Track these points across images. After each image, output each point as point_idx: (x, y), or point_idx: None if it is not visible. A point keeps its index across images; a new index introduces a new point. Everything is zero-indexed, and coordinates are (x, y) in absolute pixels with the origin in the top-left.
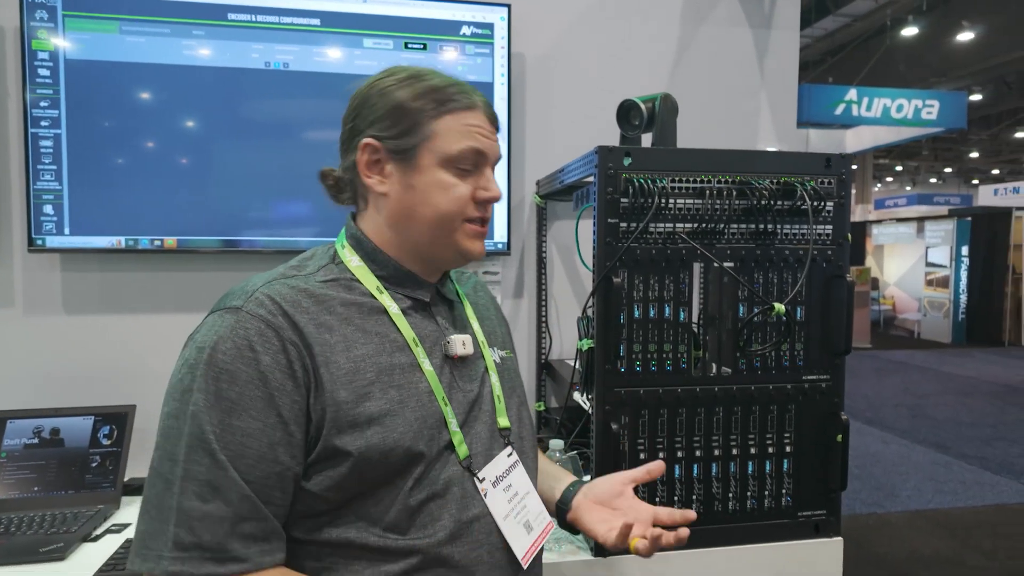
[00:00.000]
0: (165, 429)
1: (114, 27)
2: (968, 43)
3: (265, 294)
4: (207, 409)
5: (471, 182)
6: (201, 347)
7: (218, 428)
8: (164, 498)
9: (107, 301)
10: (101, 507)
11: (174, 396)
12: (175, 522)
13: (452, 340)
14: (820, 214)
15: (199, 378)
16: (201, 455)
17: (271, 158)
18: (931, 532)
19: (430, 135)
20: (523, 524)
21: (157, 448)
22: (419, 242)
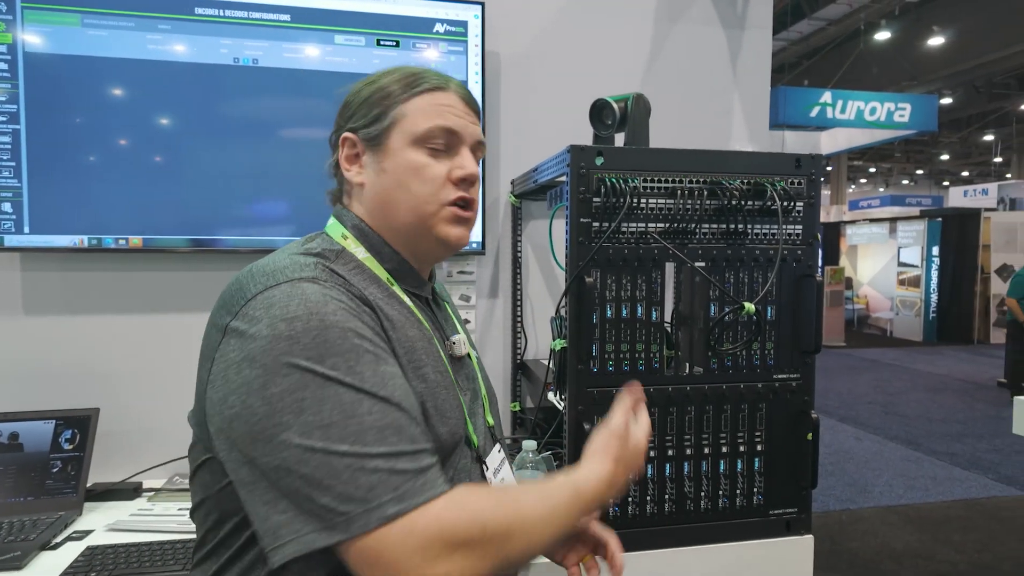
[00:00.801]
0: (293, 404)
1: (75, 20)
2: (939, 48)
3: (327, 268)
4: (355, 363)
5: (446, 163)
6: (297, 316)
7: (375, 378)
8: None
9: (69, 302)
10: (62, 514)
11: (281, 372)
12: (372, 469)
13: (456, 340)
14: (790, 214)
15: (320, 344)
16: (370, 404)
17: (242, 156)
18: (902, 527)
19: (399, 117)
20: None
21: (285, 428)
22: (400, 231)
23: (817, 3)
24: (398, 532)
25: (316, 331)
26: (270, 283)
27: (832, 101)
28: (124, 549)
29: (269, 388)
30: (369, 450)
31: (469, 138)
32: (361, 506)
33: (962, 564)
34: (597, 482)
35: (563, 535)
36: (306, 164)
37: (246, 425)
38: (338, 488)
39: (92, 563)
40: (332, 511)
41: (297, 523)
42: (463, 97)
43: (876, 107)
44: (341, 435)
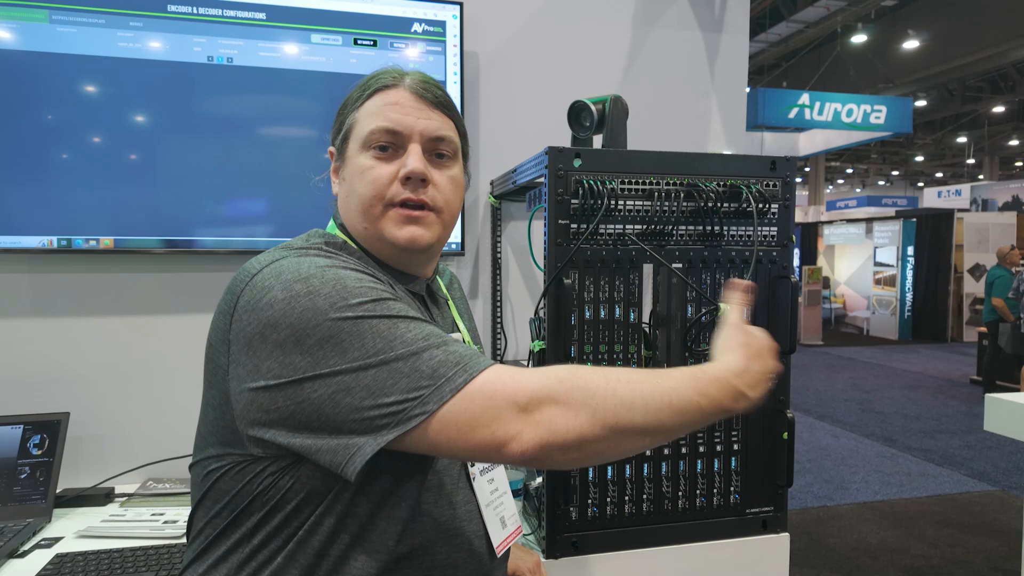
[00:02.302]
0: (334, 347)
1: (43, 16)
2: (913, 51)
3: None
4: (379, 298)
5: (396, 163)
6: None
7: (400, 308)
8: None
9: (38, 304)
10: (30, 521)
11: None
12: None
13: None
14: (765, 216)
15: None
16: (405, 325)
17: (217, 155)
18: (877, 523)
19: (353, 124)
20: (499, 519)
21: (335, 366)
22: (362, 237)
23: (795, 6)
24: (475, 391)
25: (333, 281)
26: (276, 258)
27: (810, 103)
28: (95, 556)
29: (305, 342)
30: (420, 348)
31: (417, 134)
32: (431, 384)
33: (935, 558)
34: (720, 369)
35: (681, 418)
36: (283, 164)
37: (292, 382)
38: (402, 383)
39: (61, 570)
40: (402, 403)
41: (363, 433)
42: (414, 91)
43: (853, 109)
44: (390, 350)
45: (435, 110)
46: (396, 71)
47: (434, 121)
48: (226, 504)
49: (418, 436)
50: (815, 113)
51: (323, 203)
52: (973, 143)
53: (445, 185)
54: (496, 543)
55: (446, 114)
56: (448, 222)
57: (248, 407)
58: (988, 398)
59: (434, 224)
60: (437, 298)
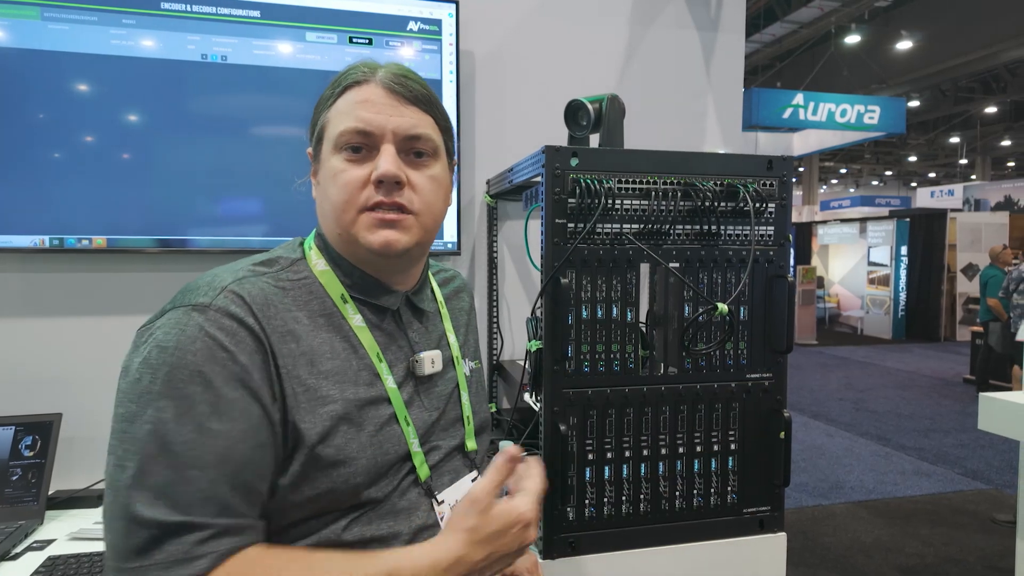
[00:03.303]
0: (119, 433)
1: (35, 13)
2: (906, 52)
3: (234, 292)
4: (178, 417)
5: (369, 165)
6: (164, 346)
7: (192, 435)
8: (114, 508)
9: (30, 304)
10: (22, 523)
11: (130, 397)
12: (125, 531)
13: (421, 359)
14: (762, 215)
15: (163, 382)
16: (161, 466)
17: (211, 154)
18: (872, 521)
19: (326, 124)
20: None
21: (110, 453)
22: (338, 242)
23: (789, 6)
24: None
25: (168, 367)
26: (178, 303)
27: (804, 103)
28: (87, 558)
29: (118, 407)
30: (148, 513)
31: (390, 133)
32: (125, 563)
33: (929, 557)
34: (425, 564)
35: None
36: (277, 163)
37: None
38: (113, 538)
39: (53, 573)
40: (108, 551)
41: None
42: (386, 86)
43: (847, 109)
44: (131, 487)
45: (410, 106)
46: (368, 65)
47: (408, 118)
48: None
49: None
50: (809, 113)
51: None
52: (966, 143)
53: (424, 186)
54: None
55: (423, 109)
56: (429, 225)
57: None
58: (982, 397)
59: (412, 228)
60: (422, 310)
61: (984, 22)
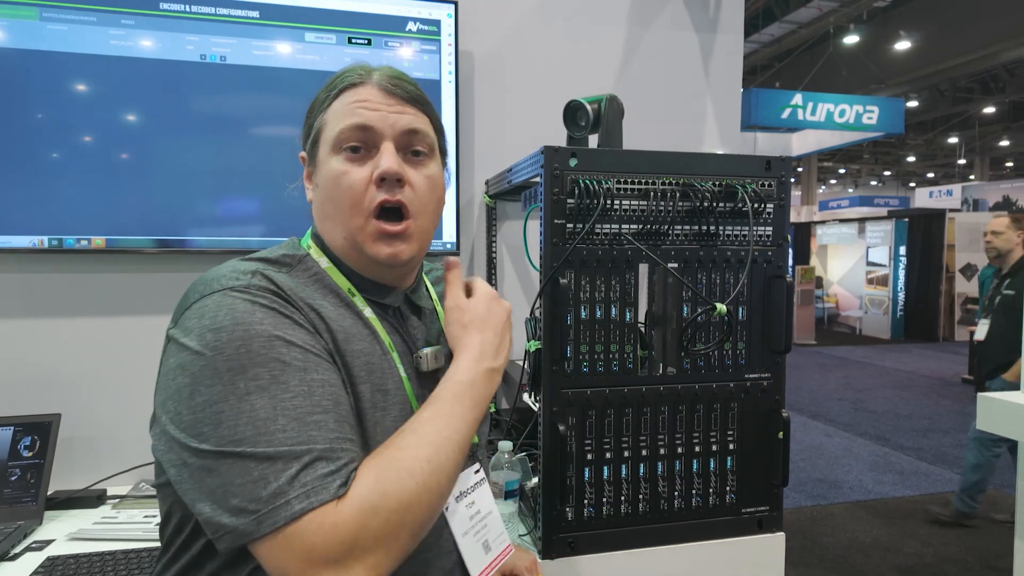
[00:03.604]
0: (214, 416)
1: (34, 13)
2: (905, 52)
3: (263, 274)
4: (276, 378)
5: (369, 165)
6: (220, 327)
7: (298, 387)
8: (235, 467)
9: (29, 304)
10: (21, 523)
11: (207, 383)
12: (255, 481)
13: (424, 355)
14: (761, 216)
15: (242, 355)
16: (284, 421)
17: (209, 154)
18: (870, 521)
19: (322, 126)
20: (482, 543)
21: (205, 439)
22: (339, 247)
23: (788, 6)
24: (305, 527)
25: (240, 341)
26: (205, 292)
27: (803, 103)
28: (86, 559)
29: (195, 398)
30: (279, 453)
31: (389, 130)
32: (268, 505)
33: (928, 556)
34: (463, 369)
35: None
36: (276, 163)
37: (177, 430)
38: (248, 490)
39: (52, 573)
40: (243, 511)
41: (224, 519)
42: (382, 87)
43: (845, 109)
44: (253, 447)
45: (407, 104)
46: (363, 67)
47: (406, 116)
48: (178, 522)
49: (251, 549)
50: (808, 113)
51: None
52: (964, 144)
53: (421, 185)
54: (476, 572)
55: (419, 108)
56: (427, 228)
57: (155, 423)
58: (980, 397)
59: (413, 236)
60: (420, 308)
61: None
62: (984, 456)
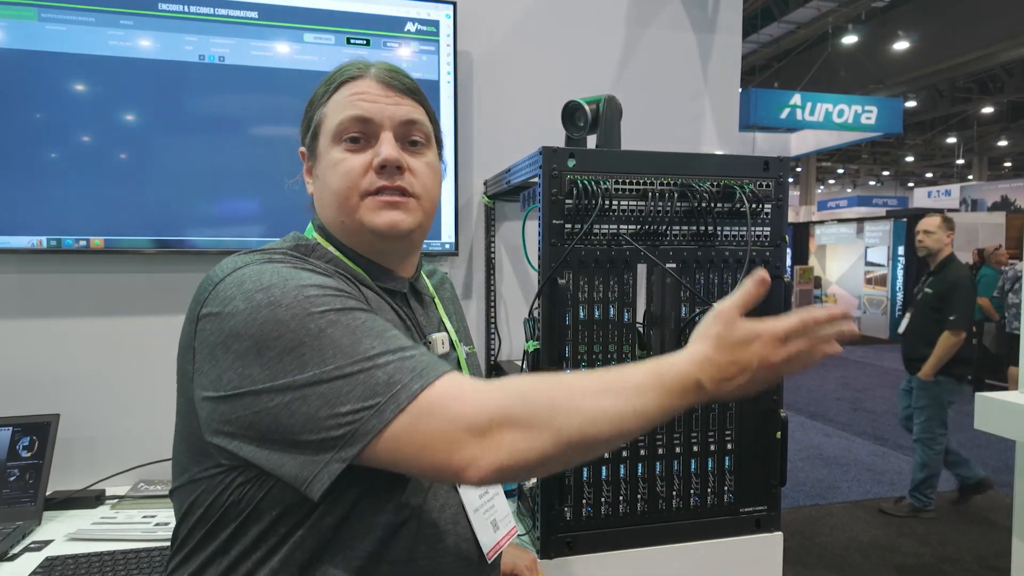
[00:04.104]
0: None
1: (32, 14)
2: (903, 52)
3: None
4: (342, 313)
5: (368, 153)
6: (268, 285)
7: (370, 320)
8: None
9: (27, 304)
10: (19, 524)
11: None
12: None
13: (434, 339)
14: (758, 216)
15: (301, 304)
16: (369, 340)
17: (208, 154)
18: (869, 521)
19: (321, 119)
20: (491, 522)
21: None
22: (341, 231)
23: (787, 6)
24: (431, 406)
25: (295, 291)
26: (239, 265)
27: (801, 103)
28: (85, 559)
29: (265, 353)
30: (377, 355)
31: (387, 121)
32: (387, 392)
33: (927, 556)
34: (683, 362)
35: (646, 422)
36: (275, 163)
37: (250, 393)
38: (357, 390)
39: (51, 574)
40: (358, 411)
41: (334, 432)
42: (380, 80)
43: (844, 109)
44: (348, 360)
45: (404, 96)
46: (360, 63)
47: (403, 107)
48: (201, 515)
49: (380, 449)
50: (806, 114)
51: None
52: (962, 144)
53: (422, 171)
54: (487, 548)
55: (415, 100)
56: (428, 209)
57: (210, 416)
58: (979, 397)
59: (415, 210)
60: (423, 297)
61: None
62: (928, 455)
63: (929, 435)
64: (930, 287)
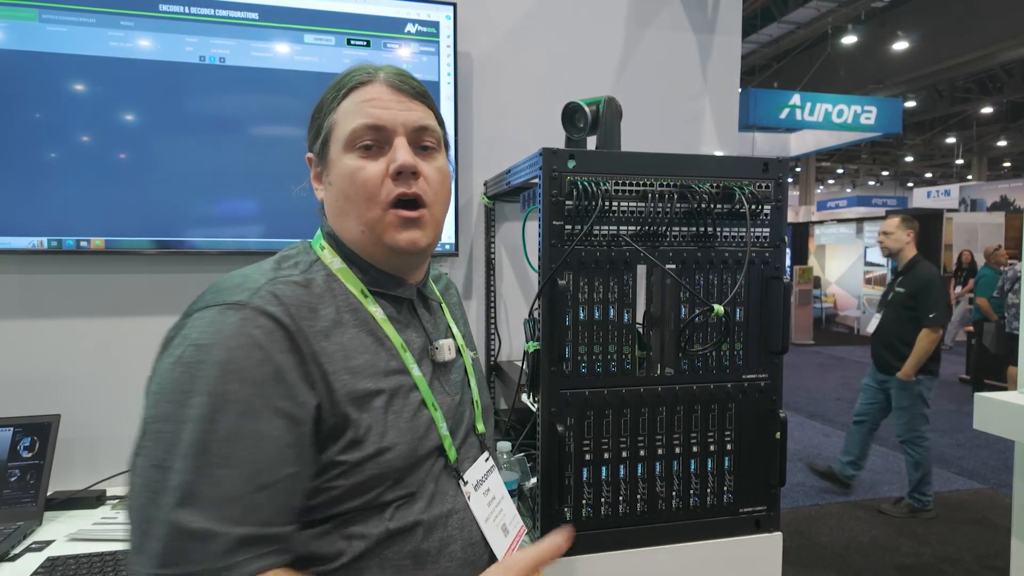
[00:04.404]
0: (155, 433)
1: (33, 15)
2: (903, 52)
3: (270, 292)
4: (213, 413)
5: (383, 160)
6: (200, 344)
7: (228, 433)
8: (150, 510)
9: (28, 305)
10: (21, 524)
11: (166, 398)
12: (162, 536)
13: (440, 346)
14: (758, 217)
15: (202, 379)
16: (203, 464)
17: (208, 155)
18: (869, 521)
19: (332, 126)
20: (501, 527)
21: (141, 454)
22: (356, 241)
23: (786, 7)
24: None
25: (206, 365)
26: (210, 303)
27: (801, 103)
28: (86, 559)
29: (150, 409)
30: (180, 518)
31: (401, 127)
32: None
33: (926, 556)
34: None
35: None
36: (275, 163)
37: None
38: (141, 541)
39: (52, 574)
40: (135, 553)
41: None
42: (391, 84)
43: (843, 109)
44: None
45: (415, 101)
46: (369, 67)
47: (416, 112)
48: None
49: None
50: (806, 113)
51: (314, 203)
52: (962, 144)
53: (434, 177)
54: (500, 553)
55: (426, 104)
56: (440, 219)
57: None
58: (978, 397)
59: (428, 225)
60: (429, 302)
61: (981, 23)
62: (919, 453)
63: (915, 433)
64: (901, 286)
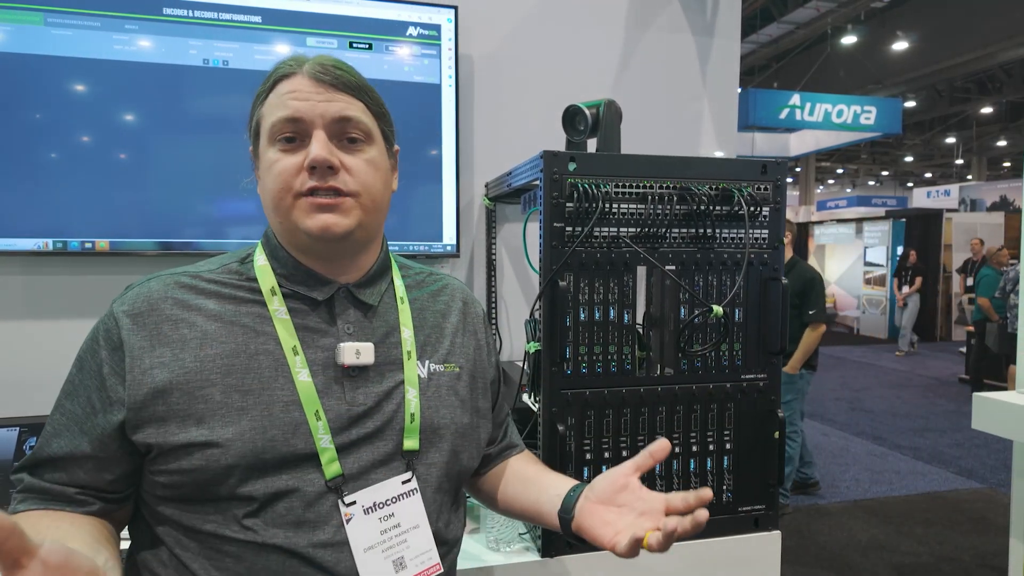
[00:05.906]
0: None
1: (38, 18)
2: (902, 52)
3: (137, 291)
4: (64, 385)
5: (302, 153)
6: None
7: (57, 403)
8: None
9: (33, 306)
10: None
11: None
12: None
13: (342, 348)
14: (756, 219)
15: (84, 346)
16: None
17: (211, 157)
18: (868, 520)
19: (260, 119)
20: (392, 560)
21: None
22: (280, 232)
23: (786, 7)
24: None
25: (84, 344)
26: (123, 292)
27: (800, 103)
28: None
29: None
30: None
31: (319, 119)
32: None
33: (925, 555)
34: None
35: None
36: None
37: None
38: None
39: None
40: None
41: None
42: (312, 76)
43: (843, 109)
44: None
45: (338, 92)
46: (296, 59)
47: (336, 103)
48: None
49: None
50: (806, 114)
51: None
52: (962, 144)
53: (360, 168)
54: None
55: (352, 95)
56: (370, 206)
57: None
58: (976, 397)
59: (352, 210)
60: (364, 303)
61: (980, 23)
62: (792, 447)
63: (792, 428)
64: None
